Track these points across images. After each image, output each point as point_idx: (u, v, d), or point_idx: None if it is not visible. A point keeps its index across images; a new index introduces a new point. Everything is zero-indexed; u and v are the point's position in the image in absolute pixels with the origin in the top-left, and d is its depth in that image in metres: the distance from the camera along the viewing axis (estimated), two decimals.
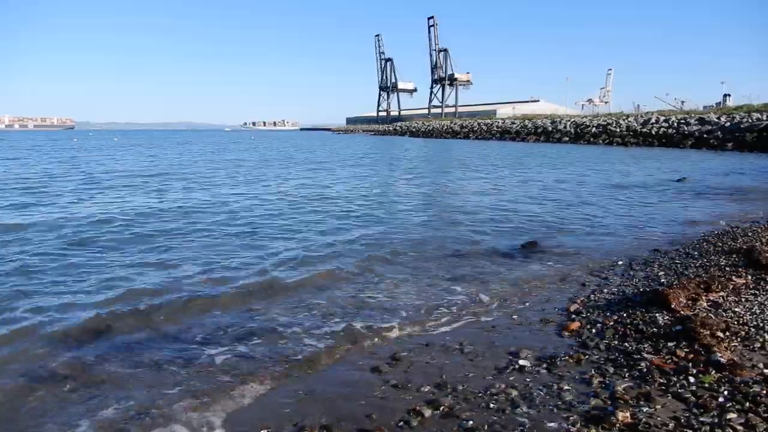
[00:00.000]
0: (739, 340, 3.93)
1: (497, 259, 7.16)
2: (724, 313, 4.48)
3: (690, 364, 3.56)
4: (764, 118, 36.95)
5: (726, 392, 3.18)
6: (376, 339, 4.53)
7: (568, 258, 7.18)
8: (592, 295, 5.43)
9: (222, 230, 8.85)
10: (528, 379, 3.61)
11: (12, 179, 17.20)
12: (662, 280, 5.76)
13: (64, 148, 42.61)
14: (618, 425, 2.91)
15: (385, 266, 6.76)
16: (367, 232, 8.78)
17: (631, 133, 46.51)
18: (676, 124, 43.92)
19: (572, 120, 59.54)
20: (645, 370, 3.58)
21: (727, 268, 6.02)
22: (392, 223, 9.81)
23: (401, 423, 3.11)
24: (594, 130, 50.92)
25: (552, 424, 3.01)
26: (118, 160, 28.74)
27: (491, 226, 9.50)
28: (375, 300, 5.50)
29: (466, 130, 74.75)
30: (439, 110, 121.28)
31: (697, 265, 6.35)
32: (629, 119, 51.35)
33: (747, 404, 3.02)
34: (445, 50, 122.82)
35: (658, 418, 2.96)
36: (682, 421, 2.92)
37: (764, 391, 3.14)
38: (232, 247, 7.69)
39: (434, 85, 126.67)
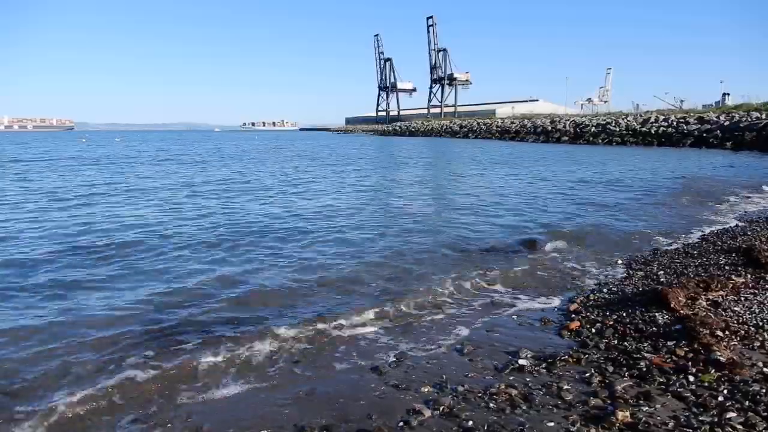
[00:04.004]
0: (738, 339, 3.93)
1: (496, 258, 7.15)
2: (723, 312, 4.48)
3: (689, 363, 3.57)
4: (763, 117, 36.97)
5: (725, 391, 3.19)
6: (374, 339, 4.53)
7: (568, 258, 7.18)
8: (591, 295, 5.43)
9: None
10: (528, 379, 3.61)
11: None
12: (662, 280, 5.76)
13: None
14: (618, 425, 2.91)
15: (378, 265, 6.75)
16: (359, 234, 8.77)
17: (631, 132, 46.47)
18: (675, 124, 43.92)
19: (571, 119, 59.49)
20: (645, 369, 3.59)
21: (727, 267, 6.02)
22: (386, 221, 9.79)
23: (401, 423, 3.11)
24: (593, 129, 50.88)
25: (551, 424, 3.01)
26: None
27: (490, 226, 9.49)
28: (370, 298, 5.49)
29: (466, 129, 74.76)
30: (438, 110, 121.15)
31: (697, 264, 6.35)
32: (628, 119, 51.31)
33: (746, 403, 3.03)
34: (445, 50, 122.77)
35: (658, 418, 2.96)
36: (682, 420, 2.93)
37: (764, 390, 3.15)
38: None
39: (433, 85, 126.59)
